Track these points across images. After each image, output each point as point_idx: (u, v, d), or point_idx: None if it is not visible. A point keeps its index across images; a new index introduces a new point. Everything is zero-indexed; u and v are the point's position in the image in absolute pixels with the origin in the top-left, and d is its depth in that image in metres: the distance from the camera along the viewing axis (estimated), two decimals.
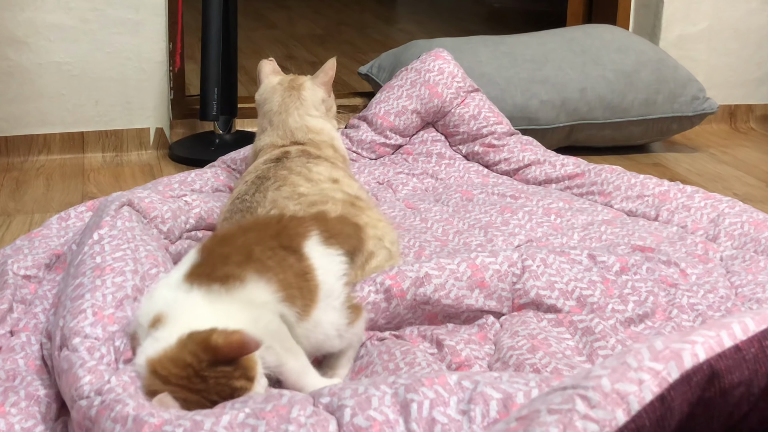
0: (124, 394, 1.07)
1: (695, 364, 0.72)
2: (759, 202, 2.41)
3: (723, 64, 3.22)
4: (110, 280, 1.34)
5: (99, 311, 1.28)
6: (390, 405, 0.97)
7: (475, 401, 0.96)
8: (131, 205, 1.61)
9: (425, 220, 1.95)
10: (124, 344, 1.24)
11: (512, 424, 0.70)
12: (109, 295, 1.31)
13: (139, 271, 1.39)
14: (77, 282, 1.35)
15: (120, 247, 1.43)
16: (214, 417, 1.01)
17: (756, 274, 1.63)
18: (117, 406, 1.05)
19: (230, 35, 2.70)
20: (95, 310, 1.28)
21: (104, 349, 1.23)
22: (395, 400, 0.98)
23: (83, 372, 1.15)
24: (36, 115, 2.70)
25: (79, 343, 1.22)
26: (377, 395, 0.99)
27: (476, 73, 2.64)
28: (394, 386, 1.00)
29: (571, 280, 1.53)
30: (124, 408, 1.04)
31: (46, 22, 2.64)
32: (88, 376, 1.14)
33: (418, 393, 0.98)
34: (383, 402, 0.98)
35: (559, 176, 2.21)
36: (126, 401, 1.06)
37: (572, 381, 0.73)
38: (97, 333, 1.25)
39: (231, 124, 2.75)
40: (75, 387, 1.13)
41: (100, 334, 1.25)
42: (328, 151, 1.80)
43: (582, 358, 1.38)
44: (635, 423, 0.68)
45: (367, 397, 0.99)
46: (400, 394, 0.98)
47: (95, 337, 1.24)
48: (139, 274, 1.38)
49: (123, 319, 1.28)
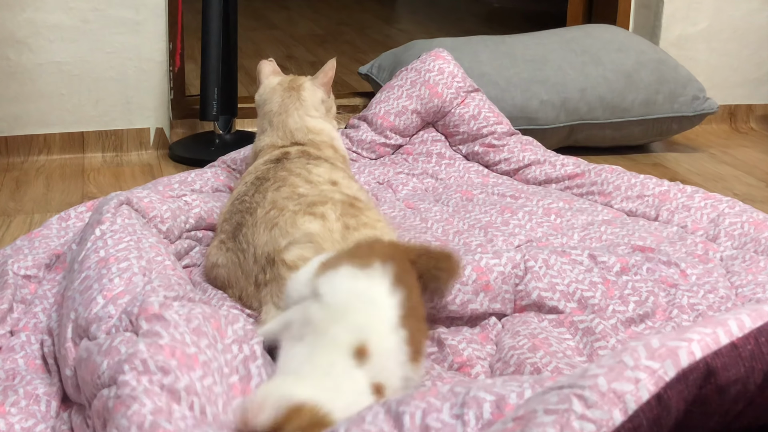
0: (140, 389, 1.06)
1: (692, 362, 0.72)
2: (759, 202, 2.41)
3: (723, 64, 3.22)
4: (115, 267, 1.35)
5: (108, 293, 1.29)
6: (383, 419, 0.97)
7: (468, 405, 0.95)
8: (129, 204, 1.61)
9: (425, 220, 1.95)
10: (137, 309, 1.22)
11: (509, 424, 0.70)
12: (116, 278, 1.32)
13: (144, 256, 1.39)
14: (83, 276, 1.36)
15: (123, 239, 1.43)
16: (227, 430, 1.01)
17: (756, 274, 1.63)
18: (134, 405, 1.04)
19: (230, 35, 2.70)
20: (105, 294, 1.29)
21: (117, 323, 1.23)
22: (388, 416, 0.97)
23: (101, 358, 1.14)
24: (36, 115, 2.70)
25: (96, 329, 1.23)
26: (370, 413, 0.99)
27: (476, 73, 2.64)
28: (386, 405, 0.99)
29: (572, 282, 1.53)
30: (141, 409, 1.04)
31: (46, 22, 2.64)
32: (105, 360, 1.13)
33: (410, 405, 0.97)
34: (376, 417, 0.97)
35: (559, 176, 2.21)
36: (143, 400, 1.05)
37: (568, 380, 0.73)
38: (110, 311, 1.25)
39: (231, 124, 2.75)
40: (97, 375, 1.13)
41: (112, 311, 1.25)
42: (328, 151, 1.80)
43: (582, 358, 1.39)
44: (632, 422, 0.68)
45: (361, 416, 0.99)
46: (393, 409, 0.98)
47: (109, 315, 1.24)
48: (144, 258, 1.39)
49: (133, 290, 1.28)
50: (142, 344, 1.12)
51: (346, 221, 1.56)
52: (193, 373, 1.12)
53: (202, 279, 1.65)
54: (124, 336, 1.17)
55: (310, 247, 1.50)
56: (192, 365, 1.13)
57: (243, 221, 1.59)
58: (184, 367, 1.12)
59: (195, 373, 1.12)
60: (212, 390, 1.13)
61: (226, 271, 1.58)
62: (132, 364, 1.09)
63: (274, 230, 1.53)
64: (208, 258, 1.64)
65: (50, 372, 1.33)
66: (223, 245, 1.61)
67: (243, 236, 1.57)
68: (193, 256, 1.74)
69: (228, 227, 1.62)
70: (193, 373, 1.12)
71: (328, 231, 1.53)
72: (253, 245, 1.54)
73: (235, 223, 1.61)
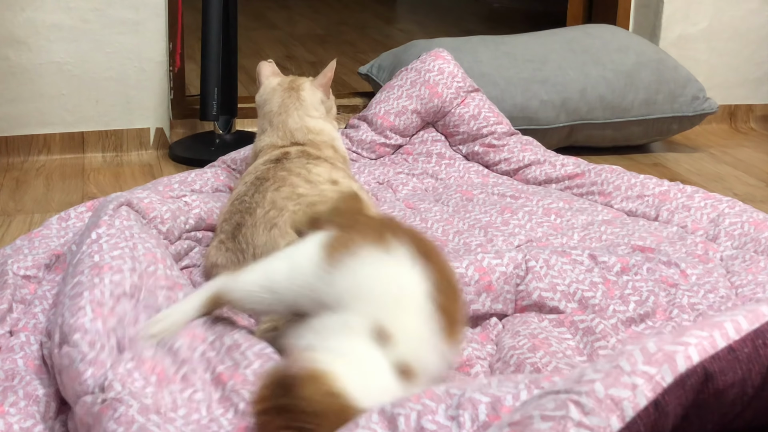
0: (125, 392, 1.07)
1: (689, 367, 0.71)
2: (759, 202, 2.41)
3: (723, 64, 3.21)
4: (108, 278, 1.34)
5: (98, 307, 1.28)
6: (378, 422, 0.96)
7: (463, 406, 0.95)
8: (130, 205, 1.61)
9: (425, 220, 1.95)
10: (124, 337, 1.24)
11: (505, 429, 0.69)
12: (107, 291, 1.31)
13: (137, 269, 1.39)
14: (75, 281, 1.35)
15: (118, 245, 1.43)
16: None
17: (756, 274, 1.63)
18: (120, 407, 1.05)
19: (230, 35, 2.70)
20: (94, 307, 1.28)
21: (104, 341, 1.23)
22: (382, 417, 0.96)
23: (84, 366, 1.15)
24: (36, 115, 2.70)
25: (79, 338, 1.23)
26: (363, 416, 0.98)
27: (476, 73, 2.63)
28: (380, 406, 0.99)
29: (573, 282, 1.53)
30: (128, 410, 1.04)
31: (46, 22, 2.64)
32: (90, 368, 1.14)
33: (405, 407, 0.96)
34: (370, 419, 0.97)
35: (559, 176, 2.21)
36: (129, 402, 1.05)
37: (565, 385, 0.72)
38: (97, 327, 1.25)
39: (231, 124, 2.75)
40: (78, 382, 1.13)
41: (100, 328, 1.25)
42: (328, 151, 1.80)
43: (582, 357, 1.39)
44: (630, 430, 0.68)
45: (354, 421, 0.98)
46: (387, 411, 0.97)
47: (95, 331, 1.24)
48: (137, 272, 1.38)
49: (121, 314, 1.28)
50: (128, 354, 1.14)
51: None
52: (173, 386, 1.14)
53: (202, 279, 1.65)
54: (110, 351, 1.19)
55: None
56: (173, 379, 1.15)
57: (242, 221, 1.59)
58: (164, 381, 1.14)
59: (175, 386, 1.14)
60: (192, 398, 1.14)
61: (226, 272, 1.58)
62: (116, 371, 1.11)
63: (274, 231, 1.53)
64: (208, 258, 1.64)
65: (50, 373, 1.33)
66: (222, 245, 1.61)
67: (242, 236, 1.57)
68: (193, 257, 1.74)
69: (227, 227, 1.62)
70: (173, 385, 1.14)
71: None
72: (252, 245, 1.55)
73: (235, 224, 1.61)
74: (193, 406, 1.14)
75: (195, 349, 1.24)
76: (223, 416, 1.16)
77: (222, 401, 1.18)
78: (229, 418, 1.15)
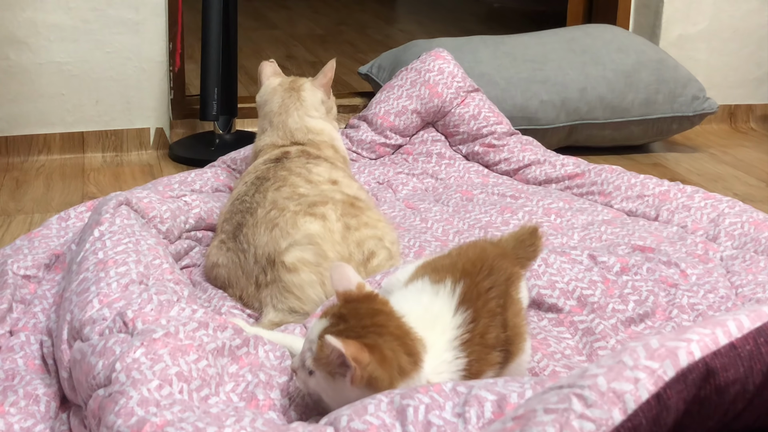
0: (128, 383, 1.07)
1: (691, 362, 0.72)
2: (759, 202, 2.41)
3: (723, 64, 3.22)
4: (113, 270, 1.35)
5: (105, 298, 1.29)
6: (386, 411, 0.98)
7: (469, 404, 0.97)
8: (129, 204, 1.61)
9: (425, 220, 1.95)
10: (133, 313, 1.23)
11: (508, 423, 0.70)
12: (114, 283, 1.32)
13: (142, 261, 1.39)
14: (81, 277, 1.36)
15: (121, 241, 1.43)
16: (216, 427, 1.01)
17: (756, 274, 1.63)
18: (121, 399, 1.05)
19: (230, 35, 2.70)
20: (101, 299, 1.29)
21: (112, 324, 1.23)
22: (391, 407, 0.98)
23: (95, 359, 1.15)
24: (36, 115, 2.70)
25: (89, 331, 1.23)
26: (373, 403, 0.99)
27: (476, 73, 2.64)
28: (390, 395, 1.00)
29: (572, 280, 1.53)
30: (128, 402, 1.04)
31: (46, 22, 2.64)
32: (100, 361, 1.14)
33: (413, 399, 0.98)
34: (379, 408, 0.98)
35: (559, 176, 2.21)
36: (129, 393, 1.05)
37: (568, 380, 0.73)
38: (105, 314, 1.25)
39: (231, 124, 2.75)
40: (91, 375, 1.13)
41: (107, 314, 1.25)
42: (328, 151, 1.80)
43: (582, 357, 1.39)
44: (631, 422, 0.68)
45: (364, 406, 0.99)
46: (396, 402, 0.99)
47: (103, 317, 1.25)
48: (143, 263, 1.38)
49: (130, 296, 1.28)
50: (137, 341, 1.14)
51: (346, 221, 1.56)
52: (187, 357, 1.14)
53: (202, 279, 1.65)
54: (119, 337, 1.18)
55: (310, 249, 1.50)
56: (186, 350, 1.15)
57: (243, 221, 1.59)
58: (178, 352, 1.14)
59: (189, 357, 1.14)
60: (206, 372, 1.14)
61: (227, 271, 1.59)
62: (124, 361, 1.11)
63: (275, 231, 1.53)
64: (209, 258, 1.64)
65: (50, 372, 1.33)
66: (223, 245, 1.61)
67: (243, 236, 1.57)
68: (193, 257, 1.74)
69: (228, 227, 1.62)
70: (186, 357, 1.14)
71: (329, 231, 1.53)
72: (253, 245, 1.55)
73: (236, 223, 1.61)
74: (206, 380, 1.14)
75: None
76: (233, 391, 1.16)
77: (233, 377, 1.18)
78: (239, 393, 1.16)
